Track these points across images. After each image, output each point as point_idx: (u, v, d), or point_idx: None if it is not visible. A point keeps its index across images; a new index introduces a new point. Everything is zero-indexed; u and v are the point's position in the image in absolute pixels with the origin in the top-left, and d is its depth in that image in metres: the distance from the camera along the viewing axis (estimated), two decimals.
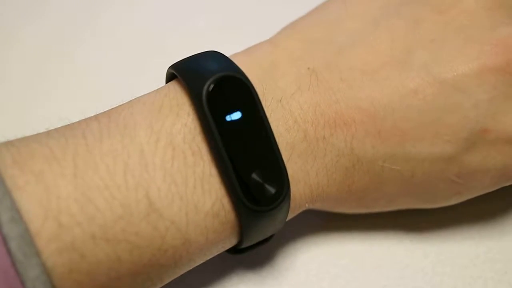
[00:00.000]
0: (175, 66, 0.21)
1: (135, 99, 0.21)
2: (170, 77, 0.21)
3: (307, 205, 0.22)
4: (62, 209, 0.17)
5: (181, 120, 0.19)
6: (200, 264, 0.21)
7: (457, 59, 0.21)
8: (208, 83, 0.19)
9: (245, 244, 0.21)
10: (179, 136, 0.19)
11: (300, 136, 0.21)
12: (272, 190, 0.20)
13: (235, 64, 0.20)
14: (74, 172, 0.18)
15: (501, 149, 0.22)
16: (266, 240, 0.22)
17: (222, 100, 0.19)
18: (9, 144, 0.18)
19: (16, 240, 0.16)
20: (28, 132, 0.19)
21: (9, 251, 0.16)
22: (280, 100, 0.21)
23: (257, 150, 0.20)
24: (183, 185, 0.19)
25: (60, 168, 0.18)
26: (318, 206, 0.23)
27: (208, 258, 0.21)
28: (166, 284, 0.20)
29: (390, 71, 0.21)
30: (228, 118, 0.19)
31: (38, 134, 0.19)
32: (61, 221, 0.17)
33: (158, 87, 0.21)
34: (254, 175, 0.19)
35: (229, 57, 0.21)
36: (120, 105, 0.20)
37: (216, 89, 0.19)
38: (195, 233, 0.19)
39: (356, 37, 0.22)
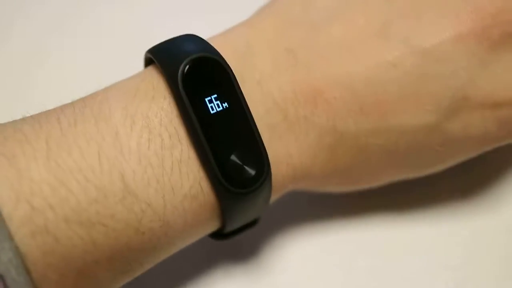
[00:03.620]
0: (151, 50, 0.21)
1: (111, 84, 0.20)
2: (147, 63, 0.21)
3: (290, 186, 0.22)
4: (34, 192, 0.17)
5: (157, 103, 0.19)
6: (185, 258, 0.21)
7: (433, 28, 0.21)
8: (183, 64, 0.19)
9: (228, 228, 0.21)
10: (155, 119, 0.19)
11: (280, 117, 0.21)
12: (251, 172, 0.19)
13: (212, 46, 0.20)
14: (47, 155, 0.17)
15: (482, 114, 0.21)
16: (250, 225, 0.22)
17: (198, 82, 0.19)
18: None
19: None
20: None
21: None
22: (259, 82, 0.21)
23: (235, 132, 0.19)
24: (159, 167, 0.19)
25: (33, 152, 0.17)
26: (302, 186, 0.22)
27: (190, 242, 0.21)
28: (150, 277, 0.20)
29: (367, 45, 0.21)
30: (205, 99, 0.19)
31: (14, 121, 0.19)
32: (33, 204, 0.17)
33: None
34: (233, 157, 0.19)
35: (206, 40, 0.21)
36: (96, 91, 0.20)
37: (192, 71, 0.19)
38: (173, 215, 0.19)
39: (332, 13, 0.22)
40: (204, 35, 0.20)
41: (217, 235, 0.22)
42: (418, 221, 0.25)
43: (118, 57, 0.30)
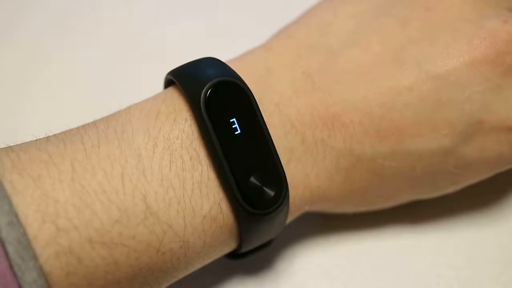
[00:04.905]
0: (172, 72, 0.21)
1: (133, 105, 0.21)
2: (168, 83, 0.22)
3: (306, 207, 0.22)
4: (59, 213, 0.17)
5: (178, 125, 0.20)
6: (198, 269, 0.21)
7: (448, 54, 0.21)
8: (206, 87, 0.19)
9: (245, 249, 0.21)
10: (176, 141, 0.19)
11: (298, 140, 0.21)
12: (270, 193, 0.20)
13: (232, 70, 0.21)
14: (71, 177, 0.18)
15: (496, 138, 0.22)
16: (265, 245, 0.22)
17: (219, 105, 0.20)
18: (9, 149, 0.18)
19: (13, 244, 0.16)
20: (17, 135, 0.19)
21: (6, 255, 0.16)
22: (277, 105, 0.21)
23: (255, 154, 0.20)
24: (180, 189, 0.19)
25: (58, 173, 0.18)
26: (318, 207, 0.23)
27: (207, 262, 0.21)
28: None
29: (384, 71, 0.21)
30: (225, 122, 0.19)
31: (38, 140, 0.19)
32: (58, 225, 0.17)
33: (156, 93, 0.21)
34: (252, 179, 0.19)
35: (225, 63, 0.21)
36: (118, 112, 0.20)
37: (213, 94, 0.19)
38: (193, 236, 0.19)
39: (348, 38, 0.22)
40: (204, 35, 0.20)
41: (232, 255, 0.22)
42: (424, 227, 0.26)
43: (118, 57, 0.31)
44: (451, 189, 0.24)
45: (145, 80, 0.25)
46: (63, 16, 0.32)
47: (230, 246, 0.21)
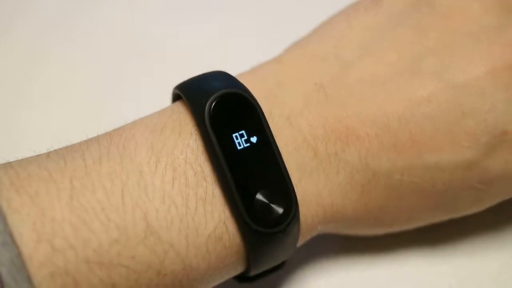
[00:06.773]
0: (179, 86, 0.20)
1: (138, 120, 0.20)
2: (175, 98, 0.21)
3: (319, 227, 0.21)
4: (56, 232, 0.16)
5: (183, 140, 0.19)
6: None
7: (467, 62, 0.20)
8: (210, 100, 0.19)
9: (253, 271, 0.20)
10: (181, 156, 0.19)
11: (310, 154, 0.20)
12: (279, 211, 0.19)
13: (240, 82, 0.20)
14: (70, 194, 0.17)
15: None
16: (277, 268, 0.21)
17: (226, 118, 0.19)
18: (7, 166, 0.18)
19: (6, 265, 0.16)
20: (17, 135, 0.19)
21: None
22: (288, 118, 0.20)
23: (263, 169, 0.19)
24: (183, 206, 0.18)
25: (57, 190, 0.17)
26: (332, 228, 0.21)
27: (212, 285, 0.20)
28: None
29: (400, 81, 0.20)
30: (232, 135, 0.19)
31: (38, 156, 0.19)
32: (54, 245, 0.16)
33: (163, 107, 0.21)
34: (259, 196, 0.18)
35: (235, 76, 0.20)
36: (123, 126, 0.20)
37: (219, 107, 0.19)
38: (196, 257, 0.18)
39: (363, 49, 0.21)
40: (205, 34, 0.19)
41: (242, 278, 0.21)
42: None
43: (118, 57, 0.31)
44: (475, 208, 0.22)
45: (145, 80, 0.24)
46: (63, 16, 0.32)
47: (237, 268, 0.20)
